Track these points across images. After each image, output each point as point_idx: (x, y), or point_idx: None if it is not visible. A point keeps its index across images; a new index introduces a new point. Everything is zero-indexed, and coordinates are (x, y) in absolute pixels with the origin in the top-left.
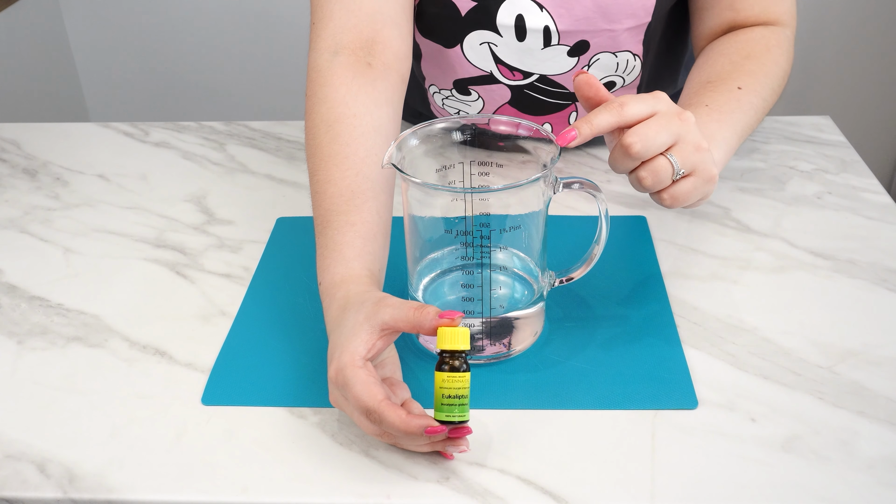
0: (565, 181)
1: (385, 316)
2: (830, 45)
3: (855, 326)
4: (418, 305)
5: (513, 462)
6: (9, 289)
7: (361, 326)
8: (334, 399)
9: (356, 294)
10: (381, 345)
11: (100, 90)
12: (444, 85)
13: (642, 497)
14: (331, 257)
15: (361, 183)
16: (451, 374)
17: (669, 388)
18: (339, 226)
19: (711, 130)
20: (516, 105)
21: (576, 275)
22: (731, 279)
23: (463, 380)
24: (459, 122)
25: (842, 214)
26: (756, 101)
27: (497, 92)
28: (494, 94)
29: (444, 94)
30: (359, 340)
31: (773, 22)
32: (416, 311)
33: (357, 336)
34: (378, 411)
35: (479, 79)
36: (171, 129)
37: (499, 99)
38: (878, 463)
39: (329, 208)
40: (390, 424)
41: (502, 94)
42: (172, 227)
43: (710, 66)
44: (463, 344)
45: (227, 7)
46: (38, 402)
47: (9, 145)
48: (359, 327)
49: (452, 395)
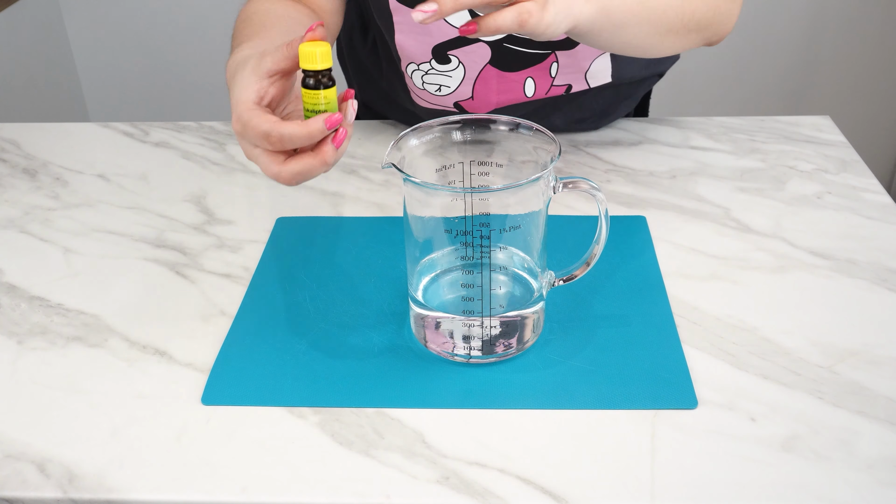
0: (565, 181)
1: (267, 63)
2: (830, 45)
3: (855, 326)
4: (289, 42)
5: (513, 462)
6: (9, 289)
7: (249, 78)
8: (246, 151)
9: (242, 58)
10: (274, 91)
11: (100, 90)
12: (422, 58)
13: (642, 497)
14: (230, 57)
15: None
16: (307, 90)
17: (669, 387)
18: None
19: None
20: (497, 64)
21: (576, 275)
22: (731, 279)
23: (318, 97)
24: (459, 121)
25: (842, 214)
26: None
27: (477, 53)
28: (475, 56)
29: (424, 68)
30: (250, 90)
31: None
32: (287, 46)
33: (247, 88)
34: (276, 129)
35: (458, 39)
36: (171, 129)
37: (479, 61)
38: (878, 463)
39: (238, 36)
40: (290, 134)
41: (482, 55)
42: (172, 227)
43: None
44: (319, 63)
45: (227, 7)
46: (38, 402)
47: (9, 145)
48: (247, 80)
49: (311, 109)
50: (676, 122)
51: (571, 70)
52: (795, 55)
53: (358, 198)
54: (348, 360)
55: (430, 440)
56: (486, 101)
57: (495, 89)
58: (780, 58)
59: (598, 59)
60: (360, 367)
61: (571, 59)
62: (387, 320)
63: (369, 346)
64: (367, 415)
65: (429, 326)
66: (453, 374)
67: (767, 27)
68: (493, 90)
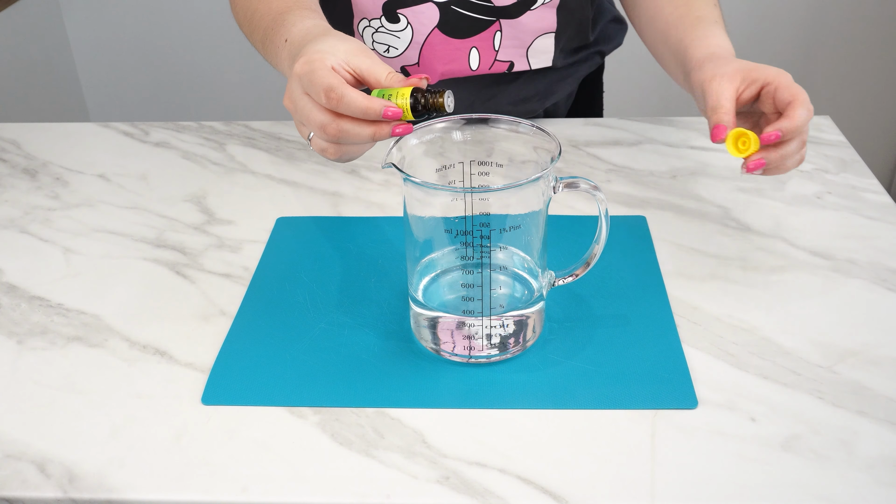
0: (565, 181)
1: (361, 62)
2: (830, 45)
3: (855, 326)
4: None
5: (513, 462)
6: (9, 289)
7: (340, 47)
8: (290, 96)
9: (326, 28)
10: (346, 74)
11: (100, 90)
12: (373, 13)
13: (642, 497)
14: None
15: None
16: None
17: (669, 387)
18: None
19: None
20: (444, 29)
21: (576, 275)
22: (731, 279)
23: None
24: (460, 121)
25: (842, 214)
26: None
27: (426, 14)
28: (423, 18)
29: (374, 25)
30: (334, 56)
31: None
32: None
33: (334, 52)
34: (342, 87)
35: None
36: (171, 129)
37: (428, 23)
38: (878, 463)
39: (275, 16)
40: (351, 99)
41: (431, 17)
42: (172, 227)
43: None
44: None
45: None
46: (38, 402)
47: (9, 145)
48: (337, 47)
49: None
50: (676, 122)
51: (514, 45)
52: (795, 55)
53: (358, 198)
54: (348, 360)
55: (430, 440)
56: (431, 70)
57: (441, 57)
58: (780, 58)
59: (542, 37)
60: (360, 367)
61: (515, 31)
62: (387, 320)
63: (369, 346)
64: (367, 415)
65: (429, 326)
66: (453, 374)
67: (767, 27)
68: (440, 58)
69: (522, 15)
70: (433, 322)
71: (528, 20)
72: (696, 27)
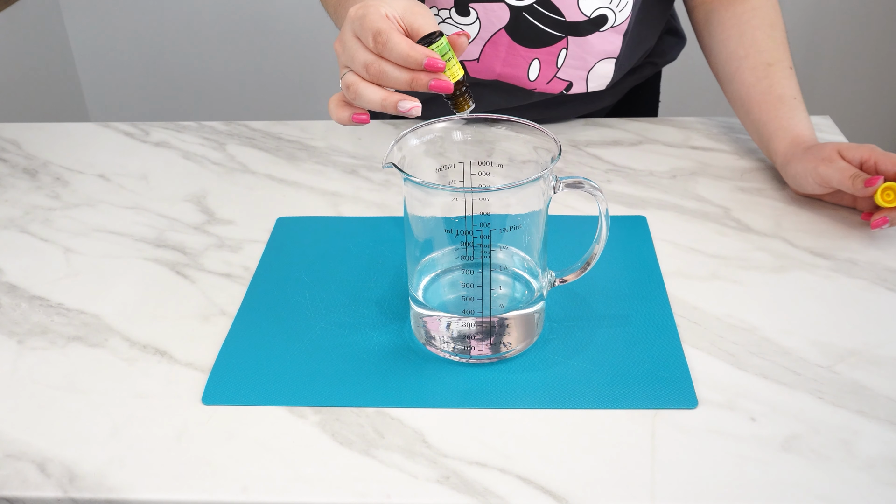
0: (565, 181)
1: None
2: (830, 45)
3: (855, 326)
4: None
5: (513, 462)
6: (9, 289)
7: (412, 1)
8: (341, 38)
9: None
10: (397, 25)
11: (100, 90)
12: (445, 3)
13: (642, 497)
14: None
15: None
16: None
17: (669, 387)
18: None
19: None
20: (512, 33)
21: (576, 274)
22: (731, 279)
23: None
24: (460, 121)
25: (842, 214)
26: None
27: (496, 13)
28: (493, 16)
29: (443, 15)
30: (400, 3)
31: None
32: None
33: (393, 4)
34: (390, 32)
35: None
36: (171, 129)
37: (497, 22)
38: (878, 463)
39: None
40: (396, 43)
41: (501, 17)
42: (172, 227)
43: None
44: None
45: (227, 7)
46: (38, 401)
47: (9, 145)
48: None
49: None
50: (676, 122)
51: (577, 65)
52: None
53: (358, 197)
54: (348, 360)
55: (430, 440)
56: (489, 69)
57: (502, 59)
58: None
59: (603, 61)
60: (360, 367)
61: (580, 51)
62: (387, 320)
63: (369, 346)
64: (368, 414)
65: (429, 326)
66: (453, 374)
67: None
68: (500, 59)
69: (591, 35)
70: (433, 322)
71: (595, 41)
72: (779, 108)
